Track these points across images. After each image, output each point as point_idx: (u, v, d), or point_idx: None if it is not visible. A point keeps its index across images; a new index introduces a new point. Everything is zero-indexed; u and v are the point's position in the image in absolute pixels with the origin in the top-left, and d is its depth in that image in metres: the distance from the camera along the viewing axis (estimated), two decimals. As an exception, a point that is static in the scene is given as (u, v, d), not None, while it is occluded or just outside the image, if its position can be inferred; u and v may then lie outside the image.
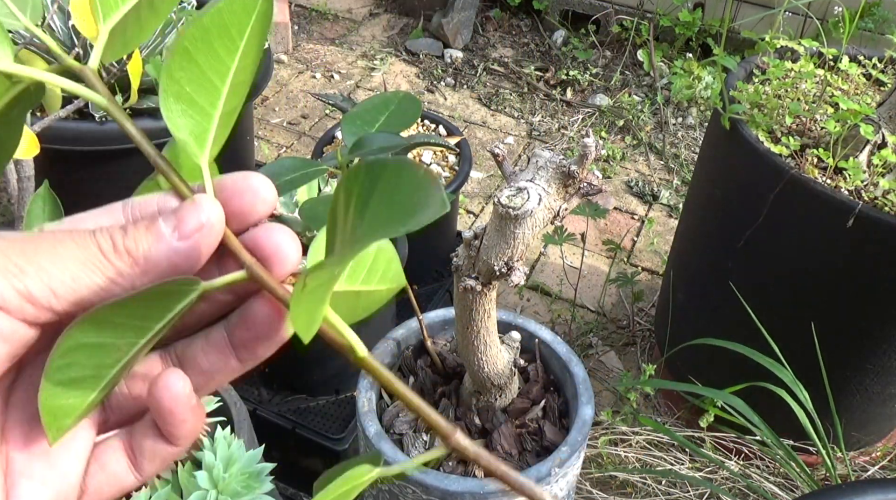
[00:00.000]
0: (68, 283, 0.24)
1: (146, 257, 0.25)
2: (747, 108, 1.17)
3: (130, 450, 0.28)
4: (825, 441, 1.10)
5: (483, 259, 0.66)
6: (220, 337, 0.28)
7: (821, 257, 1.09)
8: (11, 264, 0.24)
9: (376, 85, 2.36)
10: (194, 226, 0.25)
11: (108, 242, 0.25)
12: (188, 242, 0.25)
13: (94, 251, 0.25)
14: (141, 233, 0.25)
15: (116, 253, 0.25)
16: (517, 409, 0.87)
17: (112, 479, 0.28)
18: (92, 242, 0.25)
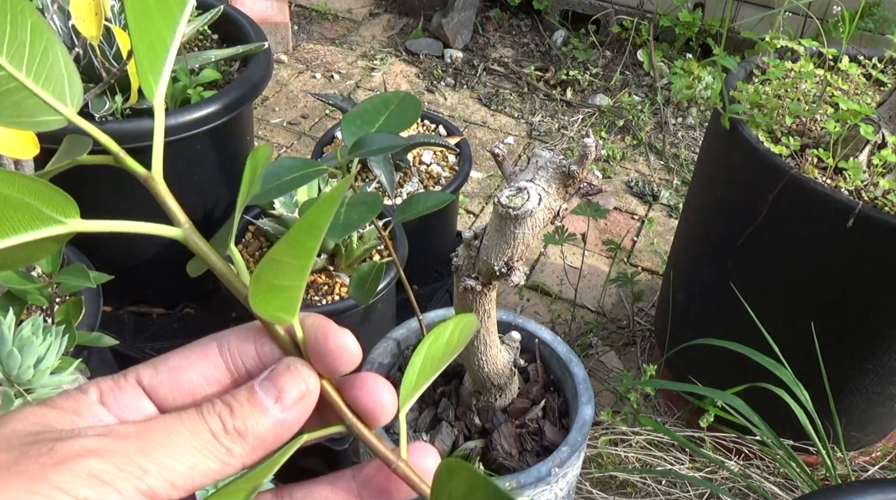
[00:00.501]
0: (186, 473, 0.25)
1: (254, 435, 0.26)
2: (747, 108, 1.17)
3: None
4: (825, 441, 1.10)
5: (483, 259, 0.66)
6: (348, 487, 0.29)
7: (821, 257, 1.09)
8: (134, 465, 0.24)
9: (376, 85, 2.36)
10: (296, 397, 0.27)
11: (219, 425, 0.26)
12: (291, 414, 0.27)
13: (208, 437, 0.26)
14: (246, 409, 0.26)
15: (227, 435, 0.26)
16: (517, 409, 0.87)
17: None
18: (203, 426, 0.26)
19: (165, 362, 0.28)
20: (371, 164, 1.26)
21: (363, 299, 0.76)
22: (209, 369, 0.28)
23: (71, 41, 1.19)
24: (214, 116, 1.18)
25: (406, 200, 0.75)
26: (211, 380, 0.28)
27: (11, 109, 0.25)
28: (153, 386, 0.27)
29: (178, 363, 0.28)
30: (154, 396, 0.27)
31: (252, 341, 0.28)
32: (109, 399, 0.27)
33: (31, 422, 0.25)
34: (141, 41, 0.26)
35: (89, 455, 0.24)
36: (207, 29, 1.42)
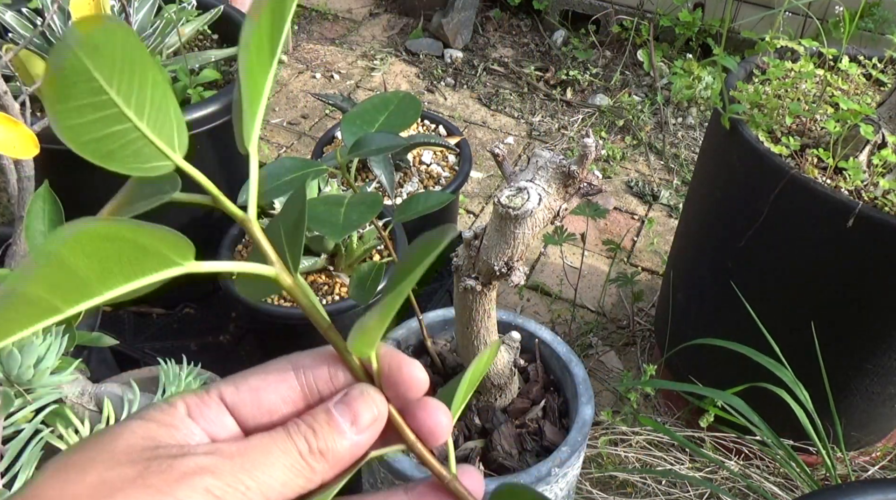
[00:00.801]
0: (278, 488, 0.28)
1: (333, 454, 0.30)
2: (747, 108, 1.17)
3: None
4: (825, 441, 1.10)
5: (483, 259, 0.66)
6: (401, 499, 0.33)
7: (821, 257, 1.09)
8: (240, 482, 0.28)
9: (376, 85, 2.36)
10: (369, 421, 0.30)
11: (305, 445, 0.29)
12: (364, 436, 0.30)
13: (296, 456, 0.29)
14: (327, 431, 0.30)
15: (312, 455, 0.29)
16: (517, 409, 0.87)
17: None
18: (293, 446, 0.29)
19: (245, 381, 0.31)
20: (371, 164, 1.26)
21: (363, 299, 0.76)
22: (286, 390, 0.31)
23: (71, 41, 1.19)
24: (214, 115, 1.18)
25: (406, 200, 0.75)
26: (287, 400, 0.31)
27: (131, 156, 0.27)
28: (235, 404, 0.30)
29: (258, 384, 0.31)
30: (236, 413, 0.30)
31: (325, 365, 0.32)
32: (196, 414, 0.29)
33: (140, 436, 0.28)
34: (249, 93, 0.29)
35: (205, 473, 0.27)
36: (207, 29, 1.42)
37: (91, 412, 0.83)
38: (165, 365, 0.86)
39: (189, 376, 0.87)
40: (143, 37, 1.25)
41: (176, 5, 1.33)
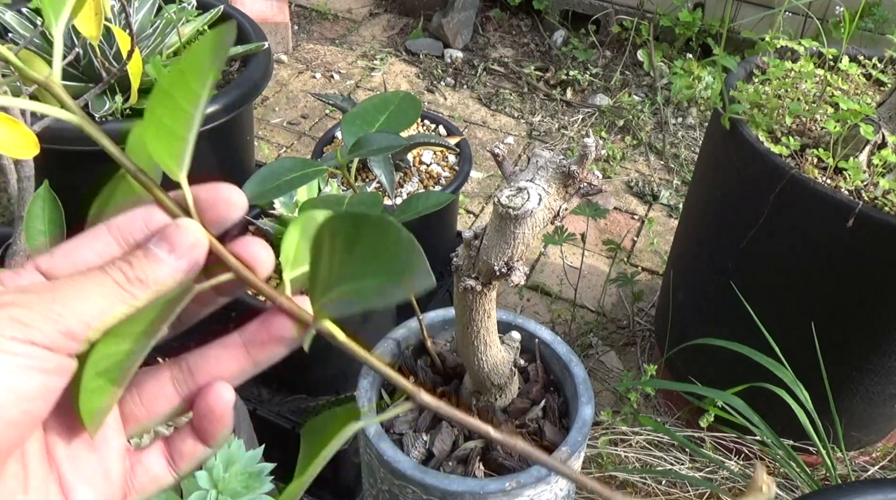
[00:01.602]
0: (98, 316, 0.29)
1: (154, 281, 0.30)
2: (747, 108, 1.17)
3: (169, 454, 0.33)
4: (825, 441, 1.10)
5: (483, 259, 0.66)
6: (236, 344, 0.33)
7: (821, 257, 1.09)
8: (51, 311, 0.28)
9: (376, 85, 2.36)
10: (187, 246, 0.30)
11: (121, 276, 0.30)
12: (184, 261, 0.30)
13: (112, 286, 0.29)
14: (144, 261, 0.30)
15: (130, 283, 0.30)
16: (517, 409, 0.87)
17: (154, 478, 0.33)
18: (107, 278, 0.29)
19: (59, 248, 0.31)
20: (371, 164, 1.26)
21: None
22: (101, 246, 0.31)
23: (71, 41, 1.19)
24: (214, 116, 1.18)
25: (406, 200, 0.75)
26: (104, 255, 0.31)
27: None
28: (51, 269, 0.30)
29: (71, 246, 0.31)
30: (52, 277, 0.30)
31: (140, 215, 0.31)
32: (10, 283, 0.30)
33: None
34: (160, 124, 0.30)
35: (10, 306, 0.27)
36: (207, 29, 1.42)
37: (91, 412, 0.83)
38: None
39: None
40: (142, 37, 1.25)
41: (176, 5, 1.33)
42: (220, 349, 0.33)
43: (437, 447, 0.83)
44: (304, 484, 0.31)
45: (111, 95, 1.17)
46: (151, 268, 0.30)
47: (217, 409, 0.32)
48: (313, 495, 1.24)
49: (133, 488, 0.33)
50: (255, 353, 0.33)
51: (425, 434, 0.85)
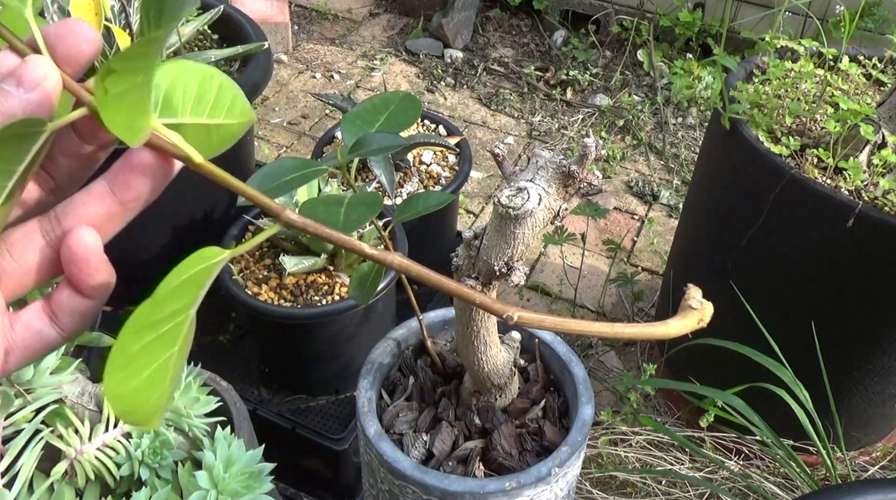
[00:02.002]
0: None
1: (3, 113, 0.28)
2: (747, 108, 1.17)
3: (49, 309, 0.32)
4: (825, 441, 1.10)
5: (483, 259, 0.66)
6: (101, 187, 0.31)
7: (821, 257, 1.09)
8: None
9: (376, 85, 2.36)
10: (37, 79, 0.28)
11: None
12: (35, 94, 0.28)
13: None
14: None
15: None
16: (517, 409, 0.87)
17: (36, 335, 0.32)
18: None
19: None
20: (371, 164, 1.26)
21: (363, 299, 0.76)
22: None
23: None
24: (214, 115, 1.18)
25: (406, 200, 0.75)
26: None
27: None
28: None
29: None
30: None
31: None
32: None
33: None
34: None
35: None
36: (207, 29, 1.42)
37: (91, 412, 0.83)
38: (165, 365, 0.86)
39: (189, 375, 0.87)
40: (143, 37, 1.24)
41: (176, 5, 1.32)
42: (85, 195, 0.31)
43: (437, 447, 0.83)
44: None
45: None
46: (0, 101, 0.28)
47: (79, 252, 0.30)
48: (313, 495, 1.24)
49: (15, 346, 0.32)
50: (120, 192, 0.31)
51: (425, 434, 0.85)
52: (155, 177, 0.31)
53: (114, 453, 0.79)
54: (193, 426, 0.83)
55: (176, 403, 0.83)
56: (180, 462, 0.81)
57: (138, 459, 0.78)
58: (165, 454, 0.79)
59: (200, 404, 0.85)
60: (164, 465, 0.79)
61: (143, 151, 0.31)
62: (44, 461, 0.77)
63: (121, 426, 0.81)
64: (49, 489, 0.77)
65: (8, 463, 0.75)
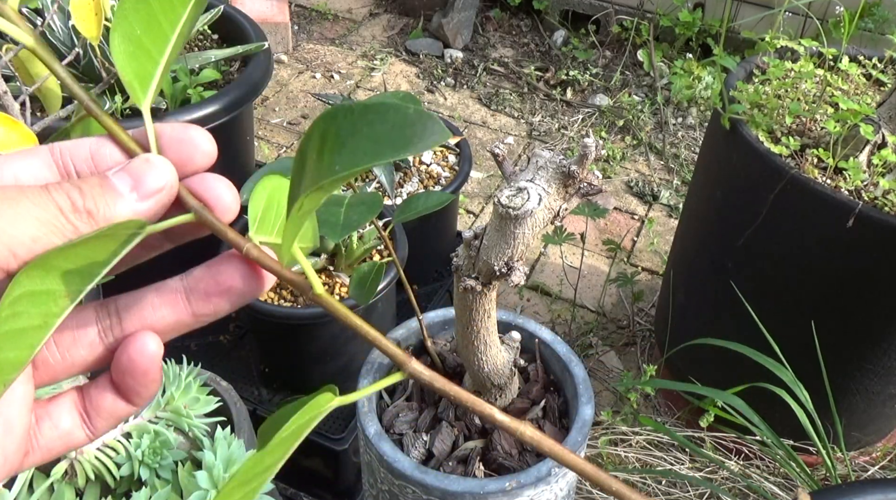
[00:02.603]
0: (28, 244, 0.23)
1: (105, 218, 0.25)
2: (747, 108, 1.17)
3: (84, 409, 0.28)
4: (825, 441, 1.10)
5: (483, 259, 0.66)
6: (176, 291, 0.28)
7: (821, 257, 1.09)
8: None
9: (376, 85, 2.36)
10: (154, 187, 0.25)
11: (67, 202, 0.24)
12: (148, 204, 0.25)
13: (54, 212, 0.24)
14: (98, 192, 0.25)
15: (76, 213, 0.24)
16: (517, 409, 0.87)
17: (63, 436, 0.28)
18: (50, 201, 0.24)
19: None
20: (371, 164, 1.26)
21: (363, 299, 0.76)
22: (38, 167, 0.26)
23: (71, 41, 1.19)
24: (214, 115, 1.18)
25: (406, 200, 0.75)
26: (41, 180, 0.26)
27: None
28: None
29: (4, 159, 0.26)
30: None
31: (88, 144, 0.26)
32: None
33: None
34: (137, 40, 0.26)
35: None
36: (207, 29, 1.42)
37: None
38: (166, 365, 0.86)
39: (189, 375, 0.87)
40: None
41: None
42: (155, 295, 0.28)
43: (437, 447, 0.83)
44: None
45: (111, 95, 1.17)
46: (106, 201, 0.25)
47: (140, 363, 0.27)
48: (313, 495, 1.24)
49: (37, 445, 0.28)
50: (198, 305, 0.28)
51: (425, 434, 0.85)
52: (241, 297, 0.28)
53: (114, 453, 0.79)
54: (193, 426, 0.83)
55: (176, 403, 0.83)
56: (180, 462, 0.81)
57: (138, 459, 0.78)
58: (165, 454, 0.79)
59: (200, 404, 0.85)
60: (164, 465, 0.79)
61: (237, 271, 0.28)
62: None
63: (121, 425, 0.81)
64: (49, 490, 0.77)
65: (8, 463, 0.75)
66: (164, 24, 0.26)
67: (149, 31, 0.26)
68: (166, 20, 0.26)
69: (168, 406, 0.83)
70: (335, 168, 0.22)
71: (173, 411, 0.83)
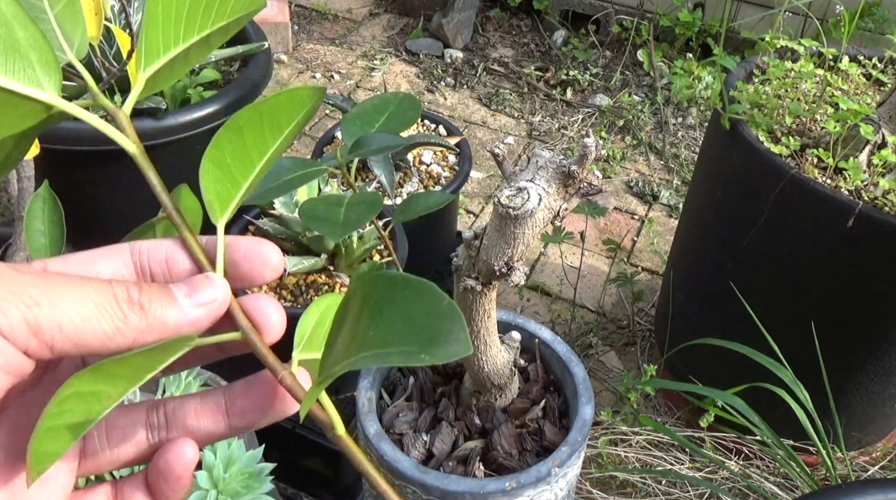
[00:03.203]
0: (77, 322, 0.25)
1: (156, 316, 0.26)
2: (747, 108, 1.17)
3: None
4: (825, 441, 1.10)
5: (483, 259, 0.66)
6: (217, 402, 0.30)
7: (821, 257, 1.09)
8: (27, 295, 0.24)
9: (376, 85, 2.36)
10: (206, 300, 0.27)
11: (125, 293, 0.26)
12: (198, 313, 0.27)
13: (110, 298, 0.26)
14: (155, 293, 0.27)
15: (130, 304, 0.26)
16: (517, 409, 0.87)
17: None
18: (109, 289, 0.26)
19: (75, 255, 0.28)
20: (371, 164, 1.26)
21: (363, 299, 0.76)
22: (118, 266, 0.28)
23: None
24: (214, 115, 1.18)
25: (406, 200, 0.75)
26: (118, 276, 0.28)
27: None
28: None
29: (88, 256, 0.28)
30: None
31: (166, 246, 0.29)
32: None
33: None
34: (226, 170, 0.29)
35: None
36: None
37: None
38: (165, 365, 0.86)
39: (189, 376, 0.87)
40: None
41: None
42: (200, 404, 0.30)
43: (437, 447, 0.83)
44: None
45: (111, 96, 1.17)
46: (159, 302, 0.27)
47: (176, 468, 0.29)
48: (313, 495, 1.24)
49: None
50: (234, 419, 0.30)
51: (425, 434, 0.85)
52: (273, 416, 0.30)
53: (114, 453, 0.79)
54: (193, 426, 0.83)
55: (176, 403, 0.83)
56: (180, 462, 0.81)
57: (138, 459, 0.78)
58: (165, 454, 0.79)
59: (200, 404, 0.85)
60: (164, 465, 0.79)
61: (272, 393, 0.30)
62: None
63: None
64: (49, 489, 0.77)
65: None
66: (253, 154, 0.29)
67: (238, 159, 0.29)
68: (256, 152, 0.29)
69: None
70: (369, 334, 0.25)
71: (173, 411, 0.83)
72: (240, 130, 0.29)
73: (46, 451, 0.25)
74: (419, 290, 0.24)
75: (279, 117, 0.29)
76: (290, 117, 0.29)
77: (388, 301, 0.25)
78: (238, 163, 0.29)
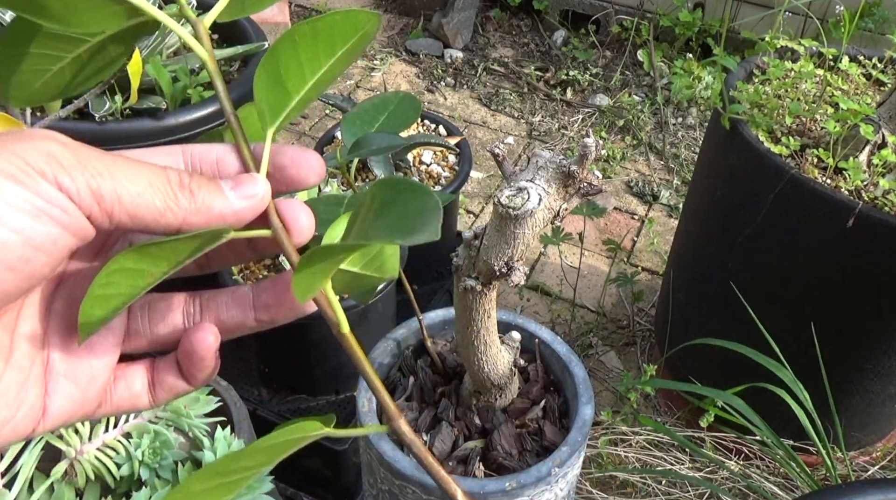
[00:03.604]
0: (134, 196, 0.27)
1: (204, 201, 0.29)
2: (747, 108, 1.17)
3: (151, 380, 0.33)
4: (825, 441, 1.10)
5: (483, 259, 0.66)
6: (246, 296, 0.33)
7: (821, 257, 1.09)
8: (92, 166, 0.27)
9: (376, 85, 2.36)
10: (250, 193, 0.30)
11: (177, 177, 0.29)
12: (241, 204, 0.30)
13: (163, 179, 0.28)
14: (204, 182, 0.30)
15: (181, 187, 0.29)
16: (517, 409, 0.87)
17: (131, 397, 0.33)
18: (162, 172, 0.29)
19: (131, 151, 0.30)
20: (371, 164, 1.26)
21: (363, 299, 0.76)
22: (171, 162, 0.31)
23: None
24: (214, 116, 1.18)
25: (406, 200, 0.75)
26: None
27: None
28: None
29: (143, 152, 0.31)
30: None
31: (216, 150, 0.32)
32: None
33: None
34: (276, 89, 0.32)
35: (55, 141, 0.27)
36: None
37: (91, 412, 0.83)
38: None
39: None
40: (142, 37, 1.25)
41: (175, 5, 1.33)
42: (230, 297, 0.33)
43: (437, 447, 0.83)
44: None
45: (111, 95, 1.17)
46: (208, 190, 0.29)
47: (198, 351, 0.32)
48: (313, 495, 1.24)
49: (110, 400, 0.33)
50: (259, 311, 0.33)
51: (425, 434, 0.85)
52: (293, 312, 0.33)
53: (114, 453, 0.79)
54: (193, 425, 0.83)
55: (176, 403, 0.83)
56: (180, 462, 0.81)
57: (138, 459, 0.78)
58: (165, 454, 0.79)
59: (200, 404, 0.85)
60: (164, 465, 0.79)
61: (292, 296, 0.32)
62: (44, 460, 0.77)
63: (121, 425, 0.81)
64: (49, 490, 0.77)
65: (8, 463, 0.75)
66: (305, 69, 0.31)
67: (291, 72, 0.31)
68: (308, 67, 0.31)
69: (168, 406, 0.83)
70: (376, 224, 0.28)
71: (173, 411, 0.83)
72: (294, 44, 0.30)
73: (95, 315, 0.28)
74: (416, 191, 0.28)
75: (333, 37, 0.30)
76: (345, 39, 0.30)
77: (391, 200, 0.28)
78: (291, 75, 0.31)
